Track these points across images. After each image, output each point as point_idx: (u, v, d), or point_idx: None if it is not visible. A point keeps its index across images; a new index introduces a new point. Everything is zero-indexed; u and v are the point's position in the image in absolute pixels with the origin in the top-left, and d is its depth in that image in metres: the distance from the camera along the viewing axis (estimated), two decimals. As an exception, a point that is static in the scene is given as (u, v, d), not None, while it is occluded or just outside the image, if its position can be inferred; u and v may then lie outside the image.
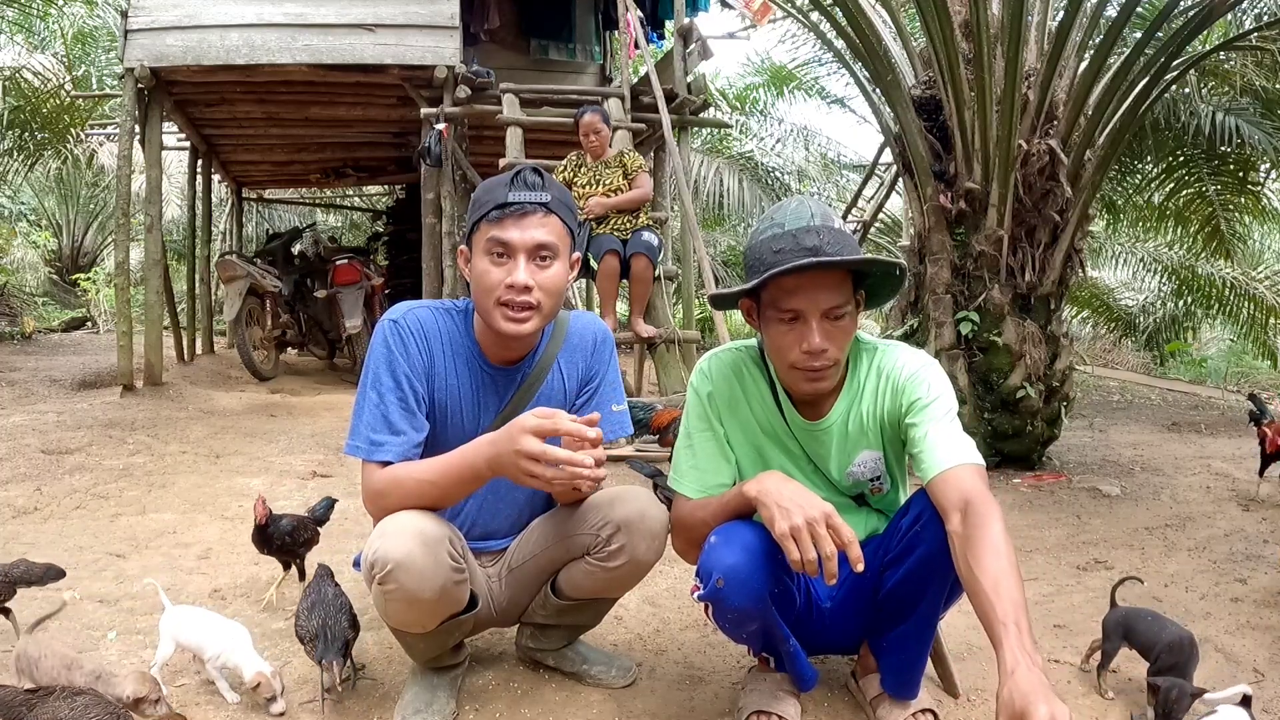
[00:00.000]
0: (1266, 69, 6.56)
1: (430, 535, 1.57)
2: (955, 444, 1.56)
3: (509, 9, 8.48)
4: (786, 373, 1.66)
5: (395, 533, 1.56)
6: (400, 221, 10.38)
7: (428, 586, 1.57)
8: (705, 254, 5.75)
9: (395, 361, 1.67)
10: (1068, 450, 4.97)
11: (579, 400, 1.84)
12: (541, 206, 1.63)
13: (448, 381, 1.74)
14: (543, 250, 1.64)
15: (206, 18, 6.28)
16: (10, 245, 11.49)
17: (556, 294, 1.67)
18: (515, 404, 1.77)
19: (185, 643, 1.91)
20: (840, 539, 1.46)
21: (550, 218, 1.64)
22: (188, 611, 1.98)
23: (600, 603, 1.95)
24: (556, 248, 1.65)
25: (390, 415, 1.65)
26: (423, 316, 1.73)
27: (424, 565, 1.55)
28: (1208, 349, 12.69)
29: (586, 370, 1.84)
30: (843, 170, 13.06)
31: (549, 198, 1.64)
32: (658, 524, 1.76)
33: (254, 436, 5.00)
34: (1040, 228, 4.32)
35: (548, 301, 1.66)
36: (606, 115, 5.34)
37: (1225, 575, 2.85)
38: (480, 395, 1.77)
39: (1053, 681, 1.98)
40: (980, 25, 3.91)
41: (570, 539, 1.80)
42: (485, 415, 1.77)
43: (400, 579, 1.54)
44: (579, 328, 1.85)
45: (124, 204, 6.29)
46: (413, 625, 1.67)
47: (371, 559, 1.56)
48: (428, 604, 1.60)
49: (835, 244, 1.56)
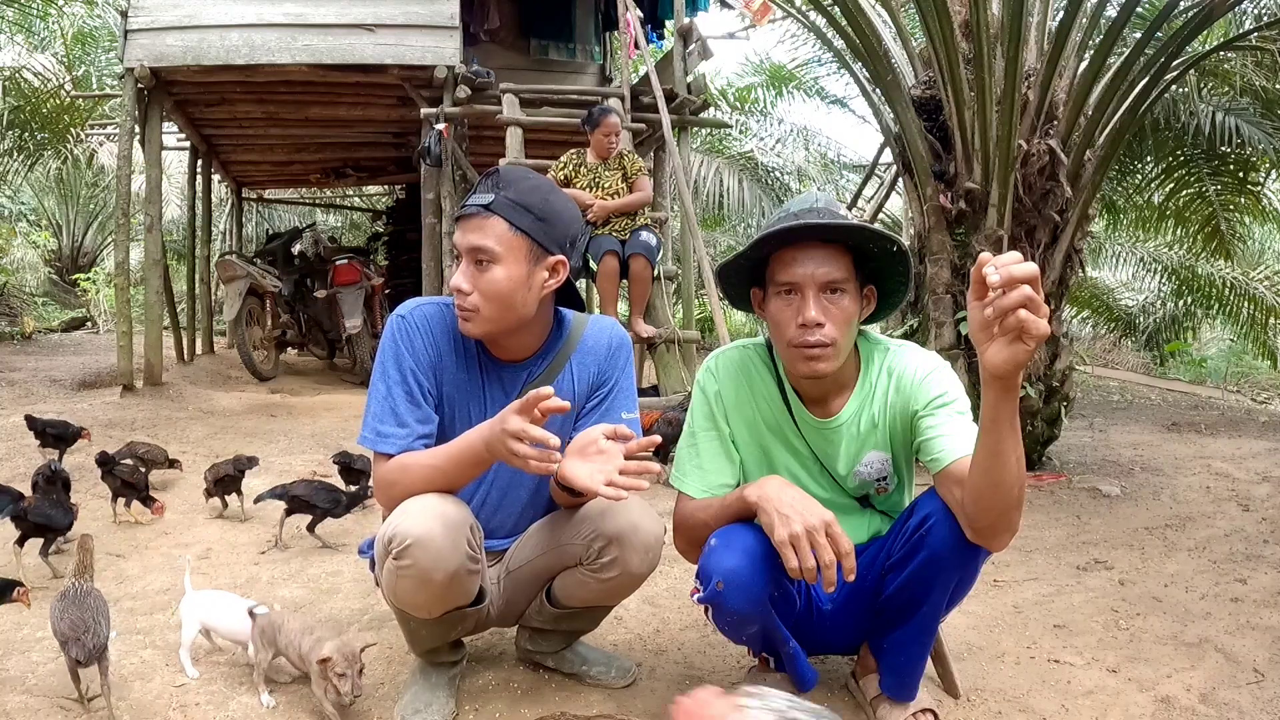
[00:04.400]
0: (1266, 69, 6.55)
1: (452, 519, 1.58)
2: (969, 437, 1.56)
3: (509, 9, 8.48)
4: (787, 354, 1.66)
5: (418, 511, 1.57)
6: (400, 221, 10.38)
7: (442, 568, 1.56)
8: (705, 254, 5.76)
9: (402, 356, 1.70)
10: (1068, 450, 4.96)
11: (589, 404, 1.82)
12: (482, 209, 1.62)
13: (455, 376, 1.75)
14: (478, 254, 1.63)
15: (206, 18, 6.29)
16: (10, 245, 11.49)
17: (495, 298, 1.63)
18: None
19: (212, 626, 1.93)
20: (838, 548, 1.46)
21: (491, 220, 1.62)
22: (209, 595, 2.00)
23: (597, 610, 1.94)
24: (493, 251, 1.61)
25: (397, 408, 1.68)
26: (430, 312, 1.74)
27: (442, 546, 1.55)
28: (1208, 349, 12.70)
29: (599, 374, 1.82)
30: (843, 170, 13.06)
31: (490, 199, 1.62)
32: (651, 536, 1.73)
33: (254, 437, 5.00)
34: (1040, 228, 4.31)
35: (486, 306, 1.63)
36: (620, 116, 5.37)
37: (1225, 575, 2.84)
38: (488, 391, 1.77)
39: (1053, 681, 1.99)
40: (980, 25, 3.91)
41: (563, 547, 1.79)
42: (493, 410, 1.75)
43: (416, 556, 1.55)
44: (595, 331, 1.84)
45: (124, 204, 6.29)
46: (419, 609, 1.67)
47: (390, 533, 1.57)
48: (438, 586, 1.60)
49: (833, 220, 1.58)
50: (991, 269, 1.23)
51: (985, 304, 1.26)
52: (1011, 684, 1.99)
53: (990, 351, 1.30)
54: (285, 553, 2.96)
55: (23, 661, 2.01)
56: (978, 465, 1.44)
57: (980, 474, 1.44)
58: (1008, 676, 2.04)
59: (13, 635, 2.16)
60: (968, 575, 1.65)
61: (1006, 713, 1.86)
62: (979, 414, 1.42)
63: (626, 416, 1.82)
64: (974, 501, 1.48)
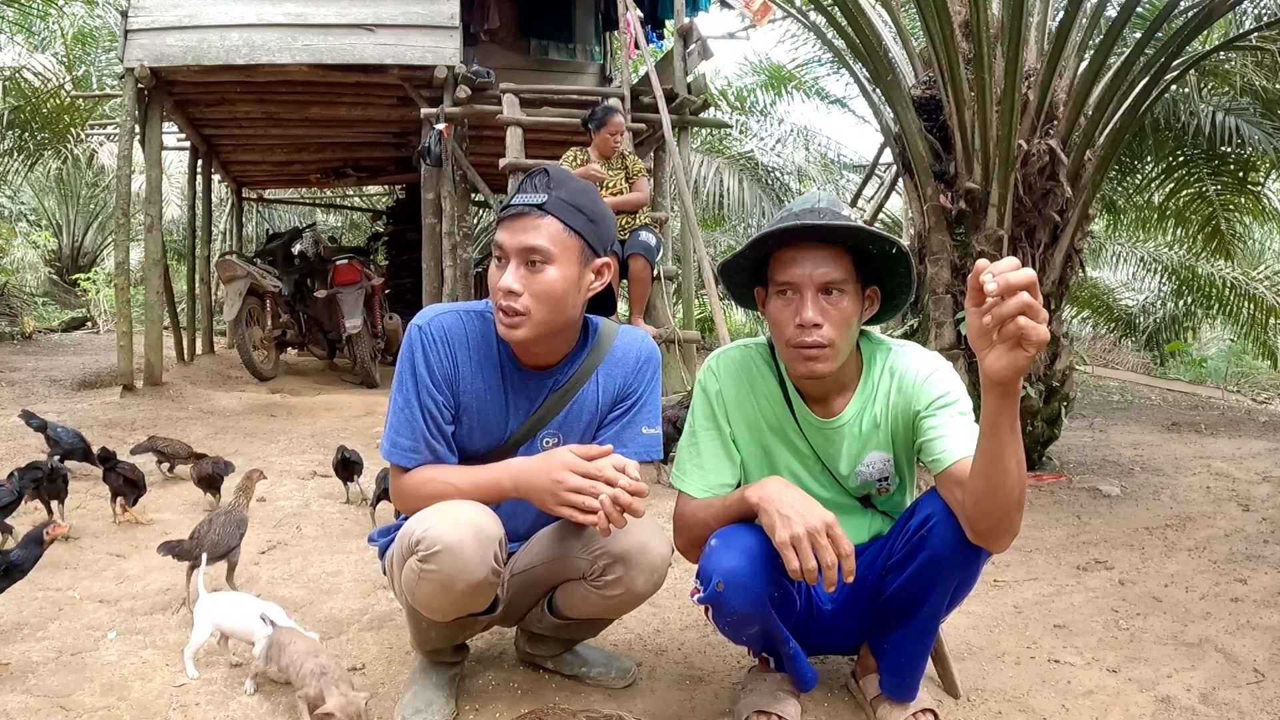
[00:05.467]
0: (1266, 69, 6.55)
1: (486, 532, 1.58)
2: (971, 438, 1.55)
3: (509, 9, 8.49)
4: (785, 354, 1.66)
5: (452, 518, 1.57)
6: (400, 221, 10.40)
7: (466, 579, 1.56)
8: (705, 254, 5.75)
9: (418, 368, 1.68)
10: (1068, 450, 4.96)
11: (612, 415, 1.80)
12: (535, 209, 1.59)
13: (474, 385, 1.72)
14: (532, 254, 1.59)
15: (206, 18, 6.29)
16: (10, 245, 11.49)
17: (548, 300, 1.60)
18: (547, 409, 1.75)
19: (225, 627, 1.93)
20: (839, 550, 1.46)
21: (545, 220, 1.59)
22: (222, 596, 2.00)
23: (598, 621, 1.94)
24: (548, 251, 1.58)
25: (413, 420, 1.68)
26: (448, 322, 1.71)
27: (470, 557, 1.55)
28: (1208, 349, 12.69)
29: (624, 386, 1.79)
30: (843, 170, 13.05)
31: (544, 199, 1.60)
32: (658, 557, 1.72)
33: (254, 437, 5.00)
34: (1040, 228, 4.31)
35: (538, 309, 1.60)
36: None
37: (1225, 575, 2.84)
38: (510, 397, 1.75)
39: (1053, 681, 1.99)
40: (980, 25, 3.90)
41: (569, 559, 1.77)
42: (515, 417, 1.76)
43: (443, 562, 1.54)
44: (625, 343, 1.80)
45: (124, 204, 6.30)
46: (434, 612, 1.66)
47: (420, 535, 1.56)
48: (458, 595, 1.59)
49: (831, 221, 1.58)
50: (989, 277, 1.22)
51: (983, 311, 1.25)
52: (1011, 684, 1.99)
53: (990, 358, 1.30)
54: (285, 552, 2.95)
55: (23, 661, 2.01)
56: (978, 468, 1.44)
57: (981, 477, 1.44)
58: (1008, 676, 2.04)
59: (13, 635, 2.16)
60: (968, 576, 1.65)
61: (1006, 713, 1.86)
62: (979, 416, 1.42)
63: (647, 432, 1.79)
64: (974, 504, 1.48)
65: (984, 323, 1.25)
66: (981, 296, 1.24)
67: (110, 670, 1.98)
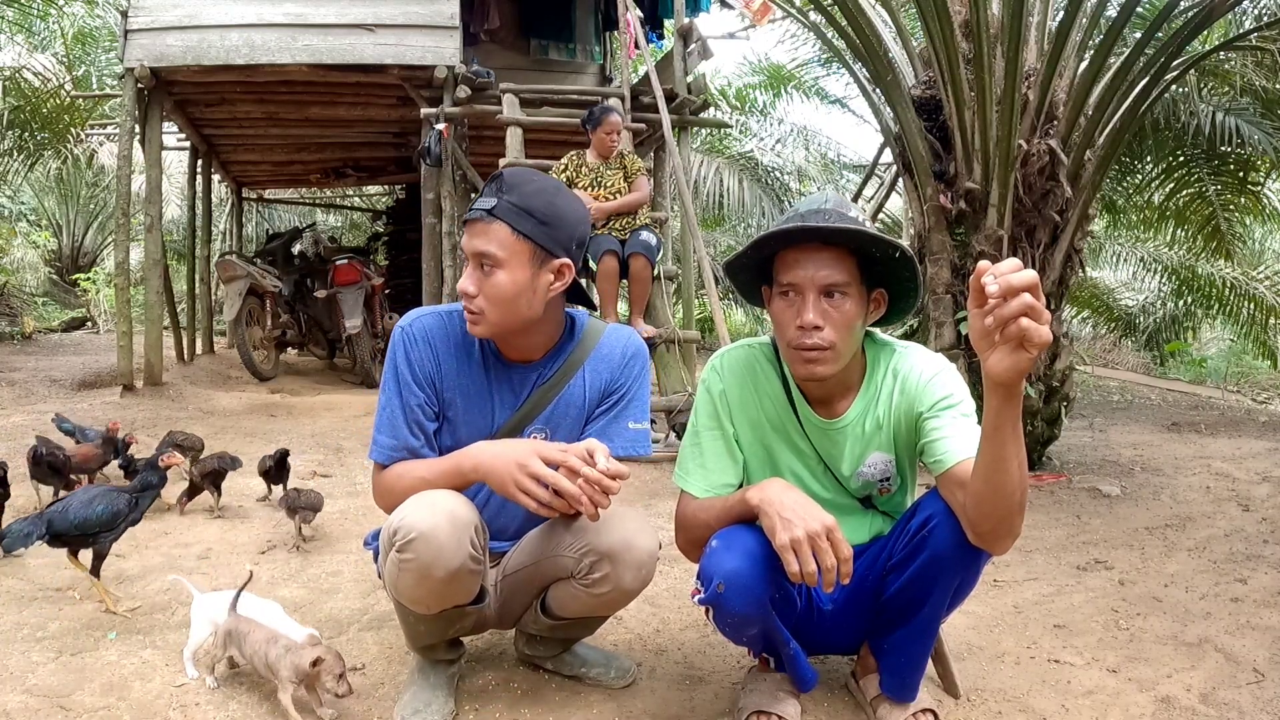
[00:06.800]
0: (1266, 69, 6.54)
1: (460, 518, 1.59)
2: (973, 440, 1.55)
3: (509, 9, 8.48)
4: (787, 355, 1.66)
5: (426, 506, 1.59)
6: (400, 221, 10.39)
7: (443, 565, 1.57)
8: (705, 254, 5.75)
9: (400, 368, 1.74)
10: (1068, 450, 4.97)
11: (599, 410, 1.81)
12: (485, 214, 1.64)
13: (458, 380, 1.76)
14: (482, 259, 1.65)
15: (206, 18, 6.29)
16: (10, 245, 11.50)
17: (500, 302, 1.64)
18: (534, 403, 1.78)
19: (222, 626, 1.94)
20: (838, 554, 1.46)
21: (494, 225, 1.63)
22: (220, 596, 2.00)
23: (592, 620, 1.94)
24: (495, 256, 1.62)
25: (394, 420, 1.73)
26: (429, 323, 1.76)
27: (446, 542, 1.56)
28: (1208, 349, 12.70)
29: (611, 381, 1.81)
30: (843, 170, 13.05)
31: (493, 204, 1.64)
32: (644, 553, 1.72)
33: (254, 436, 5.00)
34: (1040, 228, 4.31)
35: (491, 309, 1.65)
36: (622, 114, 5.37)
37: (1225, 575, 2.84)
38: (495, 391, 1.78)
39: (1053, 681, 1.99)
40: (980, 25, 3.90)
41: (556, 558, 1.78)
42: (501, 411, 1.78)
43: (419, 550, 1.56)
44: (612, 339, 1.83)
45: (124, 204, 6.30)
46: (418, 603, 1.68)
47: (395, 525, 1.58)
48: (439, 583, 1.60)
49: (838, 222, 1.57)
50: (990, 278, 1.21)
51: (985, 313, 1.25)
52: (1011, 684, 2.00)
53: (992, 360, 1.29)
54: (285, 552, 2.95)
55: (23, 661, 2.01)
56: (980, 470, 1.44)
57: (982, 479, 1.44)
58: (1008, 676, 2.04)
59: (13, 635, 2.16)
60: (969, 577, 1.65)
61: (1006, 713, 1.86)
62: (981, 417, 1.41)
63: (634, 426, 1.80)
64: (976, 505, 1.48)
65: (986, 324, 1.25)
66: (983, 298, 1.23)
67: (110, 670, 1.98)
